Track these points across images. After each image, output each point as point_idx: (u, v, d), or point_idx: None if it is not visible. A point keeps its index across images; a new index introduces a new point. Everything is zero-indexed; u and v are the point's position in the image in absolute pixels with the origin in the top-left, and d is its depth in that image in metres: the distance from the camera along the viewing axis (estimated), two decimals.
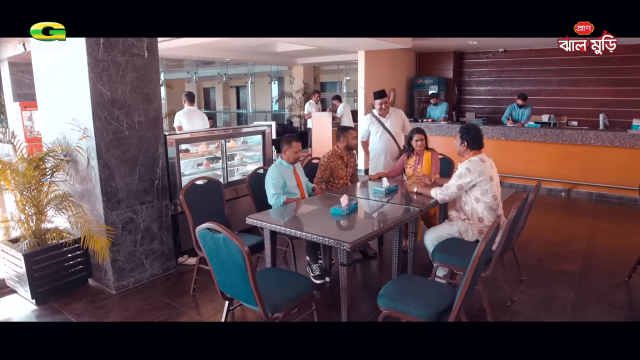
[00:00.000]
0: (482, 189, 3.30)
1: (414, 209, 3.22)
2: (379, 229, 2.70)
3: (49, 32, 2.22)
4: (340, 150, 4.16)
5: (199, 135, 4.44)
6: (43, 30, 2.21)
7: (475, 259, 2.09)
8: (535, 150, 7.00)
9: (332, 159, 4.08)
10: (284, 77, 14.40)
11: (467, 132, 3.41)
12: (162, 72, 12.30)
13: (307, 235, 2.66)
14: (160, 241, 3.86)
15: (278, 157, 3.80)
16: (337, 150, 4.14)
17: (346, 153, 4.18)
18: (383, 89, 4.81)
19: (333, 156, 4.11)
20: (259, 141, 5.11)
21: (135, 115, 3.54)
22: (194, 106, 6.03)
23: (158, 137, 3.74)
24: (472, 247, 3.25)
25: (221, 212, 3.62)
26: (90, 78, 3.23)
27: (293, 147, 3.72)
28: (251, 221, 2.98)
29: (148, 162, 3.69)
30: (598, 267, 4.01)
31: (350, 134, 4.17)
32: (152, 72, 3.61)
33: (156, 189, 3.77)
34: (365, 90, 8.43)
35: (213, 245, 2.26)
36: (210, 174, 4.81)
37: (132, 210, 3.62)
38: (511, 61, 9.24)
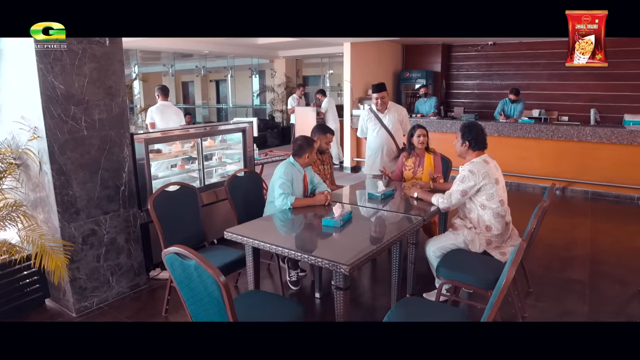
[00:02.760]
0: (488, 193, 2.96)
1: (415, 218, 2.86)
2: (381, 245, 2.32)
3: (49, 32, 2.23)
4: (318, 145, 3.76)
5: (171, 134, 3.98)
6: (43, 30, 2.22)
7: (504, 287, 1.73)
8: (529, 147, 6.72)
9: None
10: (265, 71, 13.92)
11: (469, 131, 3.06)
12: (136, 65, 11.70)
13: (296, 254, 2.26)
14: (128, 255, 3.41)
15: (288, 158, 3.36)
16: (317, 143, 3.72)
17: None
18: (382, 82, 4.41)
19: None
20: (239, 139, 4.67)
21: (95, 112, 3.07)
22: (169, 101, 5.55)
23: (123, 137, 3.28)
24: (481, 260, 2.94)
25: (196, 223, 3.19)
26: (40, 69, 2.75)
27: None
28: (230, 236, 2.56)
29: (112, 165, 3.23)
30: (607, 275, 3.73)
31: (326, 137, 3.80)
32: (115, 63, 3.15)
33: (122, 195, 3.32)
34: (352, 84, 8.04)
35: (183, 274, 1.85)
36: (186, 176, 4.37)
37: (94, 221, 3.16)
38: (500, 54, 8.96)
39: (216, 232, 4.22)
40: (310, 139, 3.35)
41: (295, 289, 3.49)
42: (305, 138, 3.32)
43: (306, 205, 3.09)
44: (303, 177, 3.31)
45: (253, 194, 3.56)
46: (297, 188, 3.24)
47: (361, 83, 8.29)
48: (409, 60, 9.72)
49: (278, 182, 3.11)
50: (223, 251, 3.05)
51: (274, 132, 11.95)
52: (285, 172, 3.15)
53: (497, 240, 2.99)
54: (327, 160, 3.96)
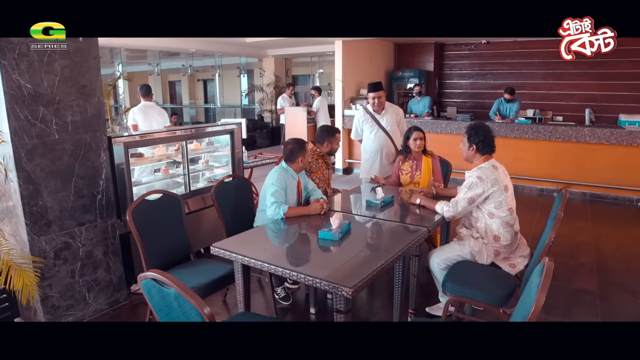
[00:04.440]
0: (497, 201, 2.74)
1: (420, 228, 2.63)
2: (385, 263, 2.09)
3: (49, 32, 2.21)
4: (321, 151, 3.55)
5: (154, 137, 3.70)
6: (43, 30, 2.19)
7: (533, 315, 1.51)
8: (526, 148, 6.55)
9: (314, 158, 3.45)
10: (254, 70, 13.62)
11: (475, 134, 2.84)
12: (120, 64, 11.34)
13: (291, 274, 2.02)
14: (106, 269, 3.14)
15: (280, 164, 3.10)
16: (317, 150, 3.51)
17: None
18: (379, 81, 4.17)
19: (314, 155, 3.48)
20: (227, 142, 4.41)
21: (68, 114, 2.79)
22: (152, 101, 5.26)
23: (100, 140, 3.01)
24: (490, 273, 2.68)
25: (180, 234, 2.92)
26: (3, 65, 2.46)
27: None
28: (217, 251, 2.31)
29: (87, 172, 2.95)
30: (617, 284, 3.55)
31: (336, 138, 3.56)
32: (90, 59, 2.87)
33: (99, 205, 3.04)
34: (343, 84, 7.81)
35: (162, 302, 1.60)
36: (170, 181, 4.10)
37: (68, 234, 2.88)
38: (494, 53, 8.80)
39: (204, 241, 3.98)
40: (302, 141, 3.08)
41: (287, 304, 3.25)
42: (296, 141, 3.05)
43: (300, 214, 2.85)
44: (297, 183, 3.07)
45: (242, 201, 3.30)
46: (291, 196, 2.99)
47: (353, 82, 8.06)
48: (401, 59, 9.53)
49: (270, 190, 2.86)
50: (210, 265, 2.79)
51: (263, 132, 11.68)
52: (278, 179, 2.90)
53: (505, 251, 2.78)
54: (329, 164, 3.72)
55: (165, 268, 2.75)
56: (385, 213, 2.99)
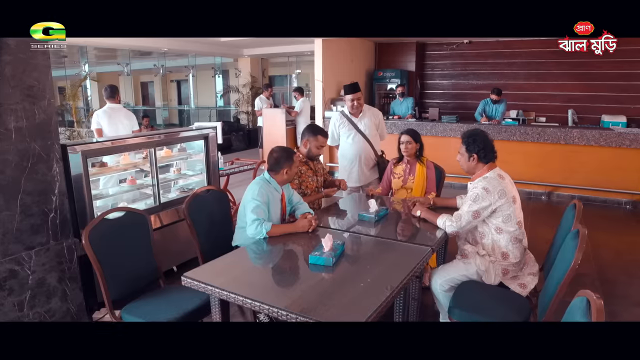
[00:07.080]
0: (505, 214, 2.47)
1: (422, 248, 2.32)
2: (390, 295, 1.76)
3: (49, 32, 2.17)
4: (302, 156, 3.22)
5: (118, 144, 3.29)
6: (43, 31, 2.16)
7: None
8: (512, 150, 6.35)
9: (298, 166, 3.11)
10: (229, 70, 13.21)
11: (474, 142, 2.55)
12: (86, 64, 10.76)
13: (280, 312, 1.67)
14: (62, 297, 2.73)
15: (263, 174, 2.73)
16: (298, 155, 3.16)
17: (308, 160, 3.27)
18: (356, 82, 3.85)
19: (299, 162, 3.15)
20: (201, 148, 4.02)
21: (10, 120, 2.38)
22: (118, 103, 4.82)
23: (51, 150, 2.60)
24: (500, 295, 2.32)
25: (147, 258, 2.53)
26: None
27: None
28: (189, 283, 1.94)
29: (36, 186, 2.54)
30: (622, 297, 3.36)
31: (317, 140, 3.21)
32: (38, 56, 2.46)
33: (52, 224, 2.63)
34: (323, 84, 7.50)
35: None
36: (137, 193, 3.70)
37: (14, 260, 2.46)
38: (476, 53, 8.63)
39: (177, 257, 3.63)
40: (290, 150, 2.72)
41: None
42: (283, 150, 2.70)
43: (285, 233, 2.50)
44: (281, 196, 2.72)
45: (219, 216, 2.93)
46: (274, 211, 2.64)
47: (333, 83, 7.76)
48: (382, 59, 9.28)
49: (251, 206, 2.50)
50: (182, 295, 2.41)
51: (239, 135, 11.26)
52: (260, 193, 2.54)
53: (514, 269, 2.51)
54: (320, 171, 3.37)
55: (130, 298, 2.38)
56: (380, 228, 2.68)
